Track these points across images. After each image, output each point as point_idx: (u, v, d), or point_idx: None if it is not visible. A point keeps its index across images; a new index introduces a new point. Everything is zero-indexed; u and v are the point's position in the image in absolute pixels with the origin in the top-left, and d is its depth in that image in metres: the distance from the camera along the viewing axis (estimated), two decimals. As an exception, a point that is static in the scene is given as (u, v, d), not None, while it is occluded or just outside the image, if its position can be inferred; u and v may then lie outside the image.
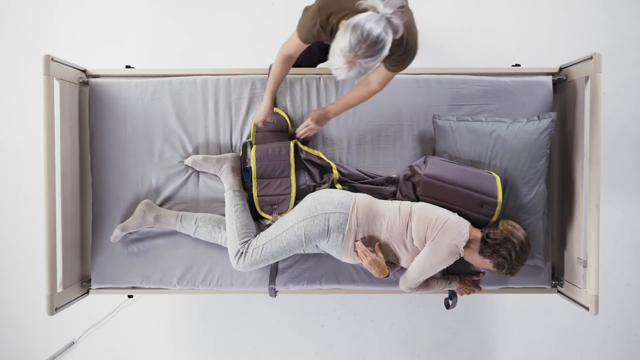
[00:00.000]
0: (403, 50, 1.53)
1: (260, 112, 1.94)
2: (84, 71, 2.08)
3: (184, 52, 2.68)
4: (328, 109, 1.87)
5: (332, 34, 1.50)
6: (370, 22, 1.29)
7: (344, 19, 1.41)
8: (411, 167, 1.94)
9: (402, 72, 1.70)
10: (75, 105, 2.06)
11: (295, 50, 1.69)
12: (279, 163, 1.94)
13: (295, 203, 1.95)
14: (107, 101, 2.04)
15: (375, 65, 1.37)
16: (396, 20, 1.33)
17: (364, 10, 1.34)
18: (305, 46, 1.66)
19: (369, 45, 1.30)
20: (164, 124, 2.05)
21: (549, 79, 2.08)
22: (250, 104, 2.06)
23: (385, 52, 1.34)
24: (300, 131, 1.93)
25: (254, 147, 1.95)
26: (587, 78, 1.93)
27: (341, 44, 1.32)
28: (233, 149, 2.07)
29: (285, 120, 2.02)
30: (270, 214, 1.96)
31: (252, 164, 1.93)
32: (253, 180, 1.94)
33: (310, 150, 2.00)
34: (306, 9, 1.56)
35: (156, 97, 2.05)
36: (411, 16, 1.52)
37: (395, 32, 1.35)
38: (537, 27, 2.68)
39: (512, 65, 2.23)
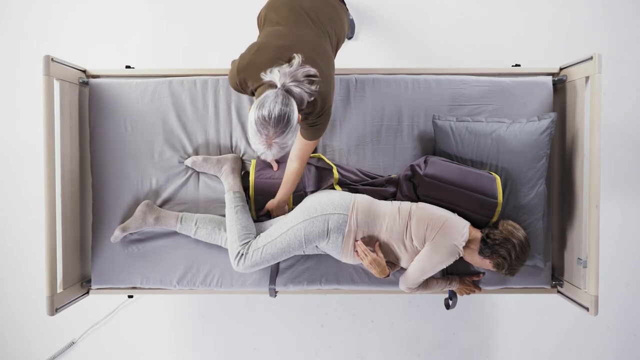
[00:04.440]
0: (316, 115, 1.55)
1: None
2: (84, 71, 2.08)
3: (184, 52, 2.68)
4: (280, 201, 1.91)
5: (253, 94, 1.56)
6: (267, 103, 1.35)
7: (260, 88, 1.45)
8: (412, 167, 1.94)
9: (406, 72, 1.69)
10: (75, 105, 2.06)
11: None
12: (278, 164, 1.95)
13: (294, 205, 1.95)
14: (107, 101, 2.04)
15: (292, 138, 1.42)
16: (296, 89, 1.37)
17: (268, 84, 1.39)
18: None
19: (275, 125, 1.35)
20: (164, 124, 2.05)
21: (549, 79, 2.08)
22: (250, 105, 2.06)
23: (294, 121, 1.38)
24: (264, 212, 1.96)
25: (253, 160, 1.95)
26: (587, 78, 1.92)
27: (250, 132, 1.40)
28: (233, 149, 2.07)
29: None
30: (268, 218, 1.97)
31: (252, 167, 1.93)
32: (251, 176, 1.93)
33: (313, 155, 2.00)
34: (233, 63, 1.61)
35: (156, 97, 2.05)
36: (327, 85, 1.53)
37: (298, 100, 1.39)
38: (537, 27, 2.68)
39: (512, 66, 2.23)
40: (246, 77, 1.52)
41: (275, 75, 1.38)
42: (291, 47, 1.49)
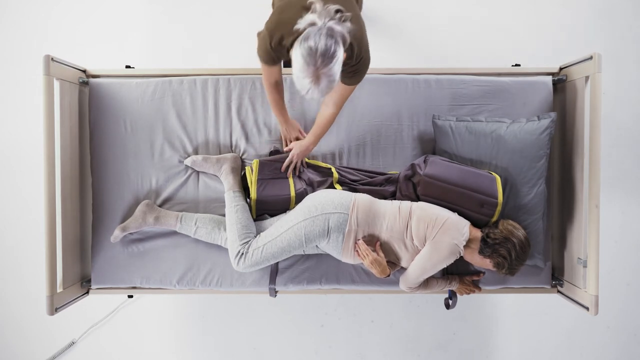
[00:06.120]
0: (355, 60, 1.55)
1: (286, 133, 1.98)
2: (84, 71, 2.08)
3: (184, 52, 2.68)
4: (307, 144, 1.90)
5: (289, 54, 1.53)
6: (312, 36, 1.34)
7: (296, 41, 1.43)
8: (412, 166, 1.94)
9: (406, 72, 1.68)
10: (75, 105, 2.06)
11: (271, 75, 1.74)
12: (279, 164, 1.95)
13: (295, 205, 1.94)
14: (107, 101, 2.04)
15: (339, 69, 1.39)
16: (337, 27, 1.37)
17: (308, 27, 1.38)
18: (277, 68, 1.70)
19: (322, 55, 1.34)
20: (164, 124, 2.05)
21: (549, 79, 2.08)
22: (250, 104, 2.06)
23: (340, 54, 1.37)
24: (284, 167, 1.94)
25: (255, 161, 1.95)
26: (587, 78, 1.93)
27: (297, 67, 1.38)
28: (233, 149, 2.07)
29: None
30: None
31: (255, 167, 1.92)
32: (252, 182, 1.92)
33: (308, 160, 2.01)
34: (258, 34, 1.60)
35: (156, 97, 2.05)
36: (359, 24, 1.52)
37: (340, 37, 1.38)
38: (537, 27, 2.68)
39: (512, 65, 2.23)
40: (282, 34, 1.49)
41: (311, 17, 1.36)
42: None
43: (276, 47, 1.53)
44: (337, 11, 1.39)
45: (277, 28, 1.50)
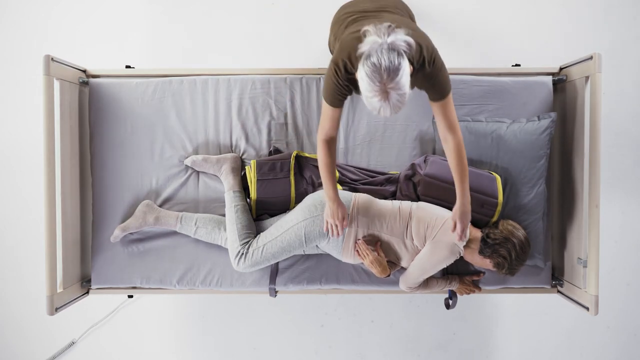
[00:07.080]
0: (429, 66, 1.49)
1: (330, 213, 1.72)
2: (84, 71, 2.08)
3: (184, 52, 2.68)
4: (466, 205, 1.69)
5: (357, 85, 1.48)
6: (373, 52, 1.30)
7: (359, 62, 1.39)
8: (412, 166, 1.94)
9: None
10: (75, 105, 2.06)
11: (332, 124, 1.61)
12: (279, 162, 1.94)
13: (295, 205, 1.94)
14: (107, 101, 2.04)
15: (408, 83, 1.34)
16: (397, 39, 1.32)
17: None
18: (338, 113, 1.59)
19: (386, 70, 1.29)
20: (164, 124, 2.05)
21: (549, 79, 2.08)
22: (250, 104, 2.06)
23: (406, 65, 1.32)
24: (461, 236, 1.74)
25: (253, 161, 1.94)
26: (587, 78, 1.93)
27: (364, 86, 1.33)
28: (233, 149, 2.07)
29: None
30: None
31: (253, 167, 1.92)
32: (252, 181, 1.92)
33: (310, 155, 2.01)
34: (328, 73, 1.56)
35: (156, 97, 2.05)
36: (419, 33, 1.50)
37: (403, 48, 1.34)
38: (537, 27, 2.68)
39: (512, 65, 2.23)
40: (345, 62, 1.46)
41: (371, 39, 1.32)
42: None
43: (344, 76, 1.48)
44: (389, 26, 1.35)
45: (341, 55, 1.47)
